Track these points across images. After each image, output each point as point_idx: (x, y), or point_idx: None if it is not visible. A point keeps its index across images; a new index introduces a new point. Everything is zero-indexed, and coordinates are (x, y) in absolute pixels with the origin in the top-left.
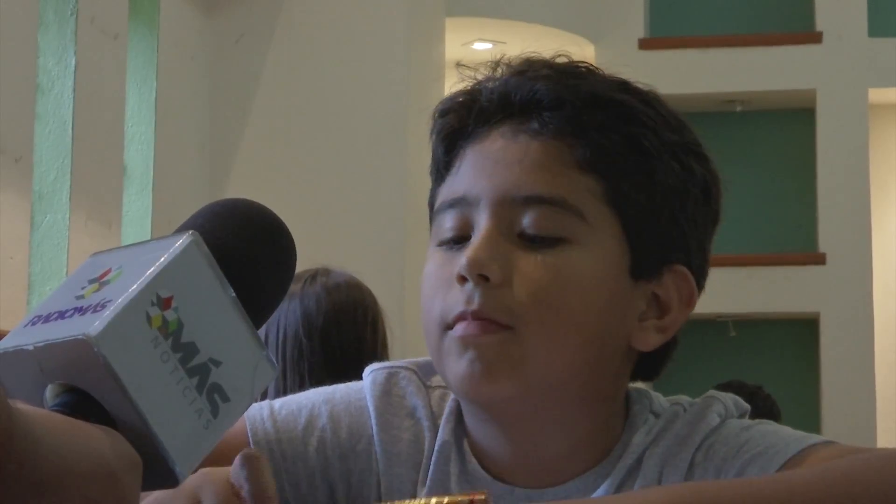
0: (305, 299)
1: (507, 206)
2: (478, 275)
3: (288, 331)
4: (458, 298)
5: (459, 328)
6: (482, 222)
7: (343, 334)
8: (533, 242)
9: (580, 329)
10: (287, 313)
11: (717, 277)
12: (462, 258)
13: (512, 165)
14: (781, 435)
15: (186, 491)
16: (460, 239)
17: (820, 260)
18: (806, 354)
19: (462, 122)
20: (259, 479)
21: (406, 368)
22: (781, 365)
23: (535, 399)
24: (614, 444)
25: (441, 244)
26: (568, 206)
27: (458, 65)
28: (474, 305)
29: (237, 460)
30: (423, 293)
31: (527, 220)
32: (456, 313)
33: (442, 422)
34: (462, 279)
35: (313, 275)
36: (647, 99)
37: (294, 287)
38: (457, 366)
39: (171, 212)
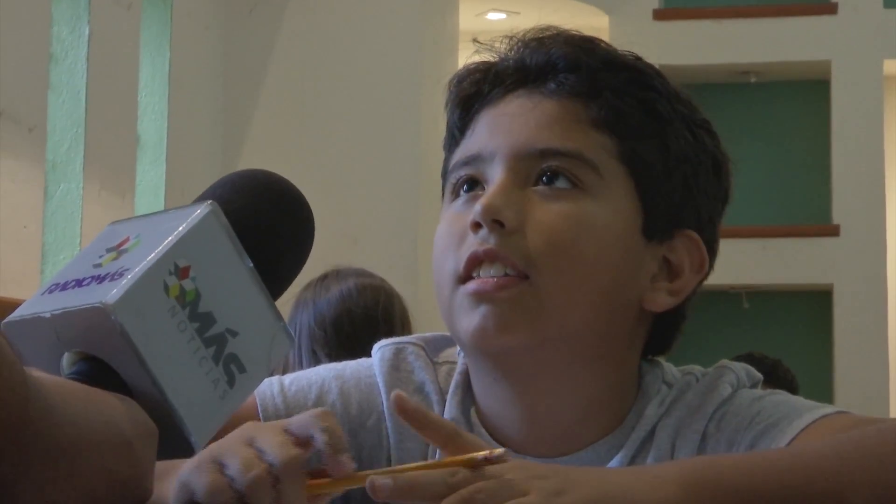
0: (318, 300)
1: (522, 160)
2: (492, 220)
3: (302, 331)
4: (471, 244)
5: (472, 285)
6: (497, 175)
7: (354, 320)
8: (548, 192)
9: (593, 278)
10: (301, 316)
11: (731, 249)
12: (476, 207)
13: (527, 121)
14: (794, 405)
15: (239, 435)
16: (474, 196)
17: (834, 231)
18: (819, 326)
19: (478, 86)
20: (335, 432)
21: (413, 344)
22: (795, 337)
23: (548, 352)
24: (627, 413)
25: (454, 202)
26: (583, 160)
27: (475, 40)
28: (488, 245)
29: (308, 415)
30: (436, 250)
31: (542, 172)
32: (468, 255)
33: (448, 396)
34: (476, 226)
35: (323, 277)
36: (660, 72)
37: (306, 293)
38: (468, 320)
39: (185, 182)
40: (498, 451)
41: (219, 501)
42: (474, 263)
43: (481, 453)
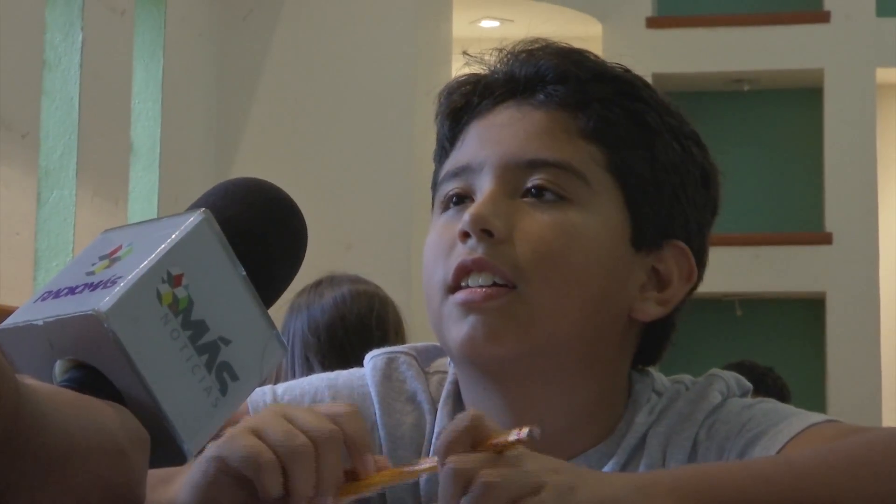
0: (311, 306)
1: (511, 171)
2: (481, 230)
3: (295, 337)
4: (459, 254)
5: (461, 295)
6: (486, 185)
7: (348, 326)
8: (536, 203)
9: (583, 288)
10: (295, 322)
11: (724, 257)
12: (465, 216)
13: (517, 132)
14: (784, 413)
15: (271, 412)
16: (463, 208)
17: (826, 240)
18: (812, 334)
19: (468, 98)
20: (362, 427)
21: (405, 354)
22: (787, 345)
23: (538, 361)
24: (617, 422)
25: (444, 213)
26: (572, 170)
27: (465, 52)
28: (477, 254)
29: (336, 405)
30: (425, 260)
31: (531, 183)
32: (457, 264)
33: (439, 406)
34: (465, 236)
35: (317, 283)
36: (648, 84)
37: (300, 299)
38: (457, 330)
39: (178, 188)
40: (526, 429)
41: (257, 463)
42: (463, 273)
43: (511, 434)
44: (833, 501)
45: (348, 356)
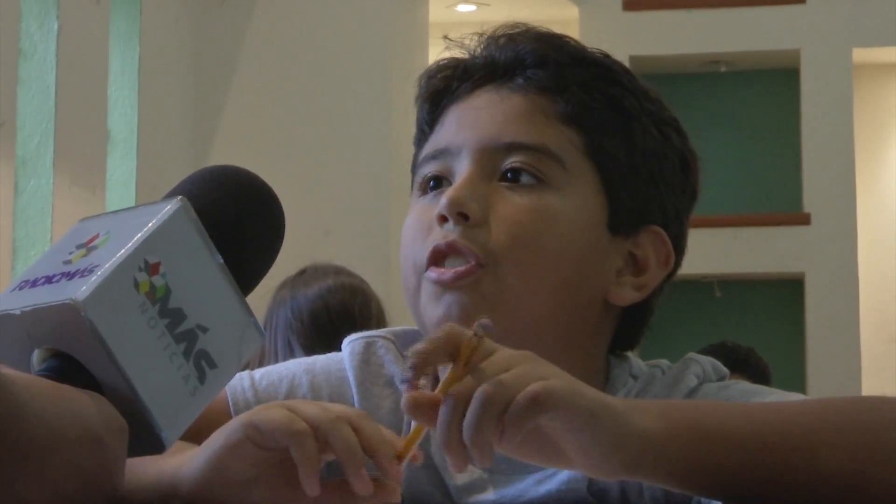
0: (296, 294)
1: (488, 154)
2: (457, 213)
3: (279, 322)
4: (435, 237)
5: (433, 273)
6: (463, 168)
7: (332, 313)
8: (513, 186)
9: (555, 271)
10: (279, 310)
11: (702, 238)
12: (442, 200)
13: (495, 115)
14: (763, 393)
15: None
16: (441, 192)
17: (805, 220)
18: (791, 314)
19: (447, 82)
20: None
21: (383, 338)
22: (767, 325)
23: (513, 344)
24: None
25: (422, 196)
26: (549, 154)
27: (446, 37)
28: (451, 238)
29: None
30: (403, 242)
31: (508, 166)
32: (431, 248)
33: None
34: (442, 219)
35: (301, 272)
36: (628, 69)
37: (283, 290)
38: (434, 311)
39: (156, 176)
40: (477, 324)
41: (293, 430)
42: (438, 256)
43: (471, 336)
44: (815, 448)
45: (331, 341)
